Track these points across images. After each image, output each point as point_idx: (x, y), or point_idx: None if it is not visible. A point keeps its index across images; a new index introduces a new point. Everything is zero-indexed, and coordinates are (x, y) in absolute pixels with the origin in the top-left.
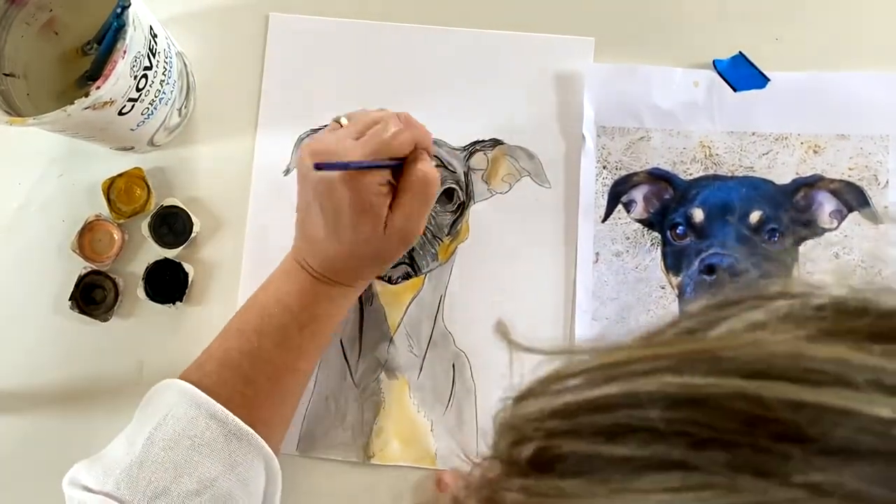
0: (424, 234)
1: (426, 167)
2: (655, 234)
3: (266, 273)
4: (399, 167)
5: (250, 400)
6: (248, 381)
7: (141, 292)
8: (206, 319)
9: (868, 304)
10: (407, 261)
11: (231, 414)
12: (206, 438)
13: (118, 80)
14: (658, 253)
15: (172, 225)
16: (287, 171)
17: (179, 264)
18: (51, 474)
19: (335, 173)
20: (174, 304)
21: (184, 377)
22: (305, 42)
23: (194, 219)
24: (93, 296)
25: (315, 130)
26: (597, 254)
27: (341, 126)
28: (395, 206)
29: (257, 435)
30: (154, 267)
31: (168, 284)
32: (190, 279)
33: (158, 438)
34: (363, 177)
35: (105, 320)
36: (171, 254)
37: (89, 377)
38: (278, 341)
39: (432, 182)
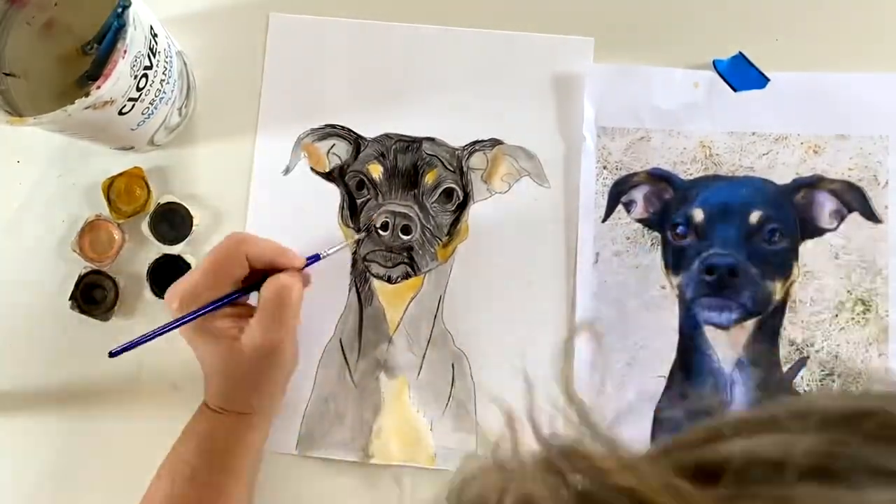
0: (424, 233)
1: (280, 280)
2: (655, 234)
3: None
4: (243, 294)
5: None
6: None
7: (147, 291)
8: None
9: None
10: (406, 260)
11: None
12: None
13: (118, 79)
14: (658, 253)
15: (172, 221)
16: (287, 171)
17: (183, 259)
18: (51, 474)
19: (171, 299)
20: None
21: None
22: (306, 42)
23: (193, 212)
24: (93, 295)
25: (315, 130)
26: (597, 254)
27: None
28: (250, 322)
29: None
30: (156, 265)
31: (172, 281)
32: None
33: None
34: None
35: (105, 320)
36: (174, 250)
37: (89, 377)
38: (189, 480)
39: (284, 284)
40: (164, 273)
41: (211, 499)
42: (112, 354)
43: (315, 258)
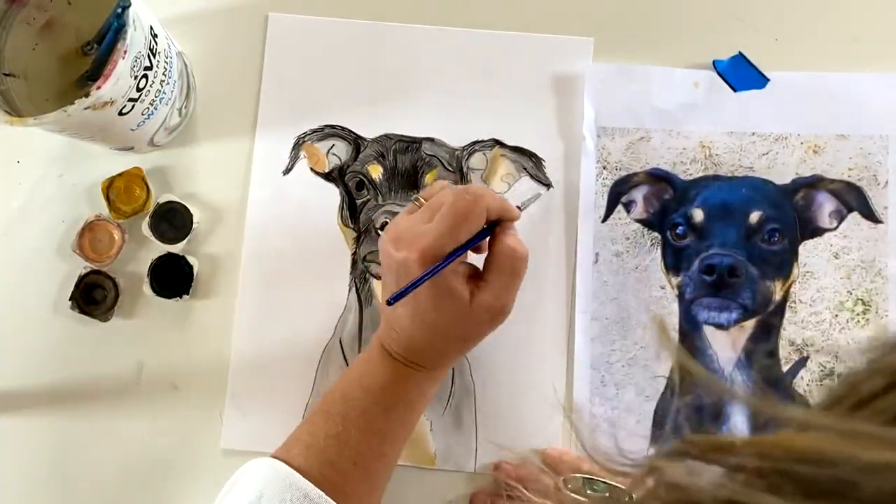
0: None
1: (513, 241)
2: (655, 234)
3: (266, 272)
4: (477, 242)
5: (337, 486)
6: (334, 466)
7: (147, 288)
8: (208, 316)
9: None
10: None
11: (324, 495)
12: None
13: (118, 80)
14: (658, 253)
15: (172, 221)
16: (286, 171)
17: (184, 258)
18: (51, 474)
19: (411, 252)
20: (181, 297)
21: (273, 458)
22: (305, 42)
23: (193, 210)
24: (93, 296)
25: (315, 130)
26: (597, 254)
27: (418, 207)
28: (482, 284)
29: None
30: (159, 262)
31: (173, 279)
32: (195, 272)
33: None
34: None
35: (105, 320)
36: (175, 248)
37: (89, 377)
38: (362, 427)
39: (520, 257)
40: (165, 272)
41: (381, 449)
42: (389, 303)
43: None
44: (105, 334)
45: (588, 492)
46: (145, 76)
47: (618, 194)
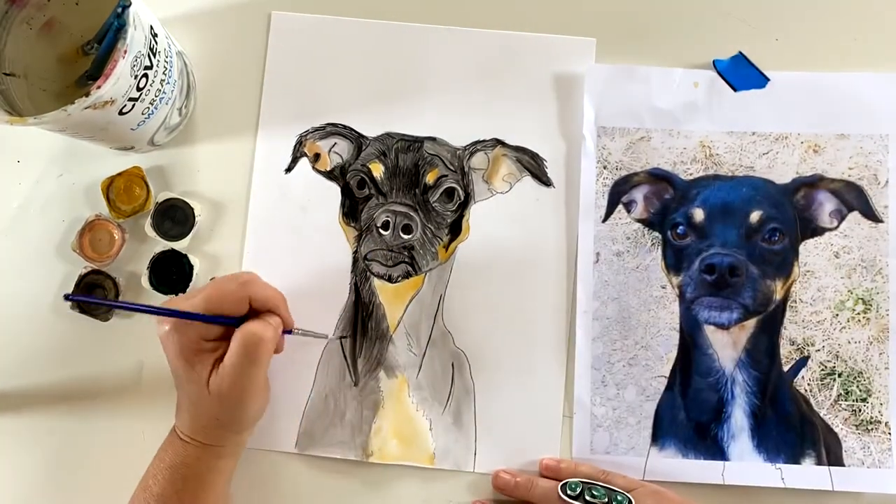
0: (424, 233)
1: (256, 325)
2: (656, 234)
3: (267, 270)
4: (224, 322)
5: None
6: None
7: (145, 281)
8: None
9: None
10: (407, 259)
11: None
12: None
13: (119, 79)
14: (658, 253)
15: (174, 218)
16: (288, 169)
17: (185, 256)
18: (51, 474)
19: (164, 323)
20: (178, 294)
21: None
22: (307, 40)
23: (193, 204)
24: (93, 295)
25: (317, 129)
26: (597, 254)
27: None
28: (220, 367)
29: None
30: (160, 257)
31: (172, 276)
32: (195, 271)
33: None
34: (187, 328)
35: (105, 320)
36: (180, 245)
37: (89, 377)
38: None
39: (257, 340)
40: (165, 268)
41: None
42: (67, 297)
43: (287, 332)
44: (105, 334)
45: (587, 497)
46: (145, 76)
47: (618, 194)
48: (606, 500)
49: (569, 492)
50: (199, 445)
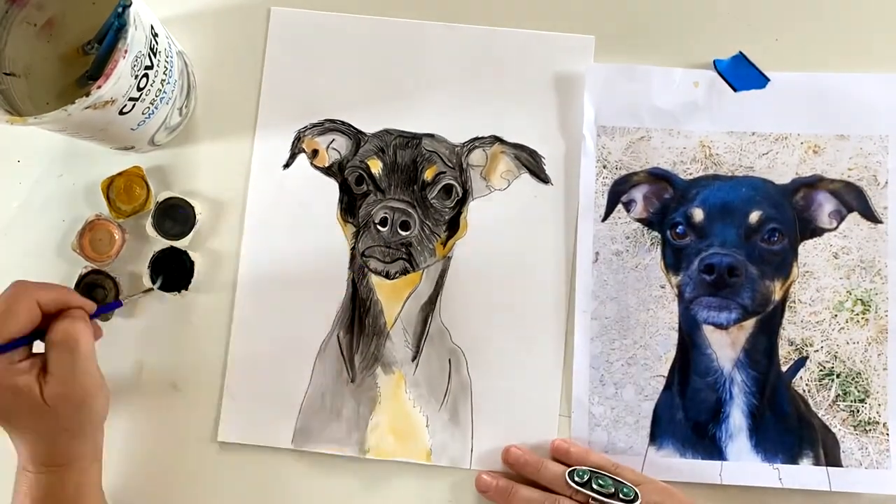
0: (422, 229)
1: (63, 324)
2: (655, 233)
3: (265, 266)
4: (28, 340)
5: None
6: None
7: (146, 280)
8: (208, 312)
9: None
10: (405, 256)
11: None
12: None
13: (119, 79)
14: (658, 252)
15: (175, 217)
16: (286, 165)
17: (185, 254)
18: None
19: None
20: (179, 292)
21: None
22: (307, 36)
23: (193, 202)
24: (94, 295)
25: (315, 125)
26: (596, 253)
27: None
28: (47, 376)
29: None
30: (160, 255)
31: (173, 274)
32: (196, 268)
33: None
34: None
35: (105, 320)
36: (182, 244)
37: None
38: None
39: (75, 337)
40: (166, 266)
41: None
42: None
43: (117, 304)
44: (105, 334)
45: (594, 486)
46: (146, 75)
47: (618, 193)
48: (613, 490)
49: (576, 478)
50: (57, 470)
